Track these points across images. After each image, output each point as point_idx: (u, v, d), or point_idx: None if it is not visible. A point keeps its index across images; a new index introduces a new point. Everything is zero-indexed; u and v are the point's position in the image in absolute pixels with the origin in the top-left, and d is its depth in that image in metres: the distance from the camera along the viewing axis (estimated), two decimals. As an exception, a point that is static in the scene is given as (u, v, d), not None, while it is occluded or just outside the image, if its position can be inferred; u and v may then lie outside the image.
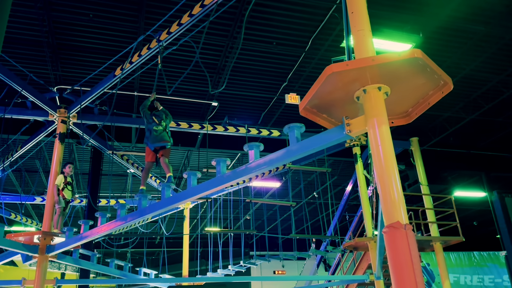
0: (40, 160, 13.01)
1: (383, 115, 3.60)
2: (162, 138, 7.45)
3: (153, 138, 7.37)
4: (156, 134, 7.40)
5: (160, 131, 7.46)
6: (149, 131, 7.42)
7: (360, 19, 4.02)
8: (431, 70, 3.61)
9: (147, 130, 7.45)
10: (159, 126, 7.46)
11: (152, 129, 7.38)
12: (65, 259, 8.41)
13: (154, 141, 7.37)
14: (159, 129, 7.45)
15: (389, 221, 3.29)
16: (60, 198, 8.36)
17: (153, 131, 7.37)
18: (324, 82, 3.62)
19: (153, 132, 7.37)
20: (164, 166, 7.44)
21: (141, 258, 16.35)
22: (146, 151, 7.57)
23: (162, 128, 7.49)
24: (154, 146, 7.42)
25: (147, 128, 7.48)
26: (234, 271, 12.23)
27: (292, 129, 4.23)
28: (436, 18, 9.00)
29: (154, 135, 7.37)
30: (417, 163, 12.17)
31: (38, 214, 16.79)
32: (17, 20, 8.41)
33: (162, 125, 7.51)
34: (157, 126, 7.44)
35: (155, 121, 7.46)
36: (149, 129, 7.42)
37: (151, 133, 7.38)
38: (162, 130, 7.50)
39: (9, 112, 8.88)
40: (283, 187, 17.32)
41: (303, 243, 13.96)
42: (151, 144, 7.38)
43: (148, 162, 7.53)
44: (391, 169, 3.41)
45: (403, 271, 3.18)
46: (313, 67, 10.24)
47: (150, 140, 7.37)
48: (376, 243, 9.71)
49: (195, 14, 6.82)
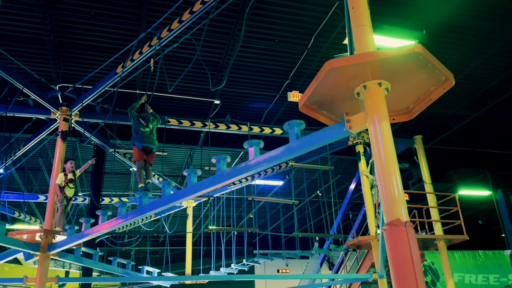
0: (43, 158, 13.04)
1: (383, 111, 3.55)
2: (149, 140, 7.53)
3: (140, 138, 7.45)
4: (143, 135, 7.48)
5: (147, 133, 7.53)
6: (135, 132, 7.49)
7: (360, 14, 3.97)
8: (432, 65, 3.56)
9: (134, 131, 7.52)
10: (146, 128, 7.54)
11: (139, 130, 7.48)
12: (67, 257, 8.42)
13: (141, 141, 7.44)
14: (146, 131, 7.52)
15: (389, 218, 3.24)
16: (62, 196, 8.36)
17: (140, 132, 7.47)
18: (324, 78, 3.58)
19: (140, 133, 7.47)
20: (146, 170, 7.56)
21: (145, 257, 16.37)
22: (134, 151, 7.60)
23: (149, 130, 7.57)
24: (142, 145, 7.47)
25: (133, 129, 7.54)
26: (237, 269, 12.20)
27: (292, 126, 4.19)
28: (440, 15, 8.91)
29: (141, 135, 7.47)
30: (421, 161, 12.09)
31: (41, 212, 16.84)
32: (19, 18, 8.41)
33: (149, 127, 7.60)
34: (144, 128, 7.51)
35: (142, 123, 7.53)
36: (136, 130, 7.50)
37: (138, 133, 7.47)
38: (149, 132, 7.58)
39: (11, 110, 8.90)
40: (286, 185, 17.27)
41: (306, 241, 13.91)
42: (139, 143, 7.44)
43: (139, 161, 7.56)
44: (392, 166, 3.36)
45: (403, 269, 3.13)
46: (316, 64, 10.17)
47: (137, 139, 7.44)
48: (379, 242, 9.65)
49: (196, 11, 6.79)
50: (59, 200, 8.26)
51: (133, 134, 7.51)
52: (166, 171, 15.50)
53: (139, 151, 7.51)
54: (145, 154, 7.58)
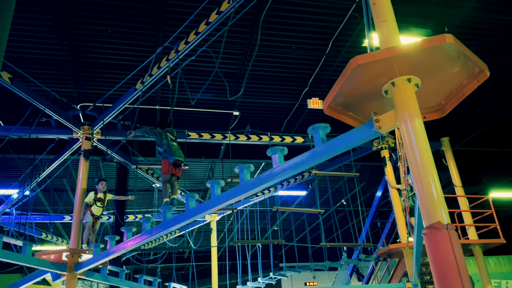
0: (67, 178, 13.16)
1: (415, 109, 3.35)
2: (180, 153, 7.66)
3: (170, 151, 7.52)
4: (174, 149, 7.59)
5: (176, 147, 7.68)
6: (164, 146, 7.57)
7: (383, 10, 3.80)
8: (465, 56, 3.34)
9: (162, 145, 7.60)
10: (174, 142, 7.70)
11: (168, 144, 7.57)
12: (93, 276, 8.36)
13: (172, 154, 7.52)
14: (175, 144, 7.67)
15: (429, 221, 3.01)
16: (87, 214, 8.39)
17: (170, 145, 7.56)
18: (349, 77, 3.40)
19: (170, 147, 7.55)
20: (172, 186, 7.62)
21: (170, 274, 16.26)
22: (164, 165, 7.63)
23: (176, 144, 7.74)
24: (174, 159, 7.53)
25: (161, 143, 7.63)
26: (264, 283, 11.95)
27: (317, 129, 4.01)
28: (461, 12, 8.66)
29: (172, 149, 7.55)
30: (450, 163, 11.65)
31: (67, 232, 16.98)
32: (39, 40, 8.54)
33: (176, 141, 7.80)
34: (172, 142, 7.66)
35: (171, 137, 7.68)
36: (164, 144, 7.58)
37: (168, 147, 7.54)
38: (177, 146, 7.72)
39: (34, 132, 9.00)
40: (310, 195, 16.99)
41: (334, 252, 13.54)
42: (170, 157, 7.51)
43: (167, 174, 7.58)
44: (428, 165, 3.13)
45: (447, 276, 2.89)
46: (335, 70, 10.00)
47: (168, 153, 7.51)
48: (411, 249, 9.29)
49: (212, 22, 6.75)
50: (83, 217, 8.29)
51: (163, 148, 7.59)
52: (188, 185, 15.44)
53: (169, 164, 7.57)
54: (174, 167, 7.63)
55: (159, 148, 7.89)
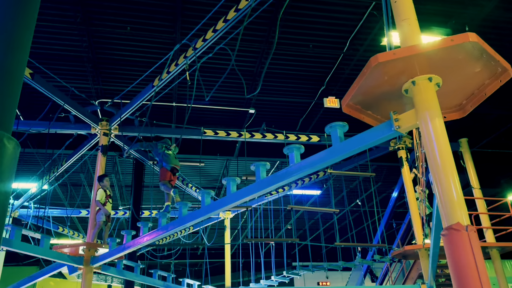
0: (84, 173, 13.35)
1: (436, 108, 3.30)
2: (176, 162, 8.32)
3: (167, 159, 8.19)
4: (170, 157, 8.25)
5: (172, 155, 8.32)
6: (161, 155, 8.24)
7: (404, 8, 3.76)
8: (488, 56, 3.28)
9: (159, 155, 8.29)
10: (169, 151, 8.31)
11: (164, 153, 8.24)
12: (109, 270, 8.46)
13: (169, 162, 8.18)
14: (170, 153, 8.30)
15: (448, 222, 2.96)
16: (101, 213, 8.31)
17: (165, 154, 8.25)
18: (369, 75, 3.37)
19: (166, 155, 8.24)
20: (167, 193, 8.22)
21: (184, 270, 16.39)
22: (162, 172, 8.21)
23: (171, 152, 8.35)
24: (170, 166, 8.16)
25: (157, 154, 8.33)
26: (277, 282, 11.94)
27: (335, 128, 3.98)
28: (483, 11, 8.50)
29: (168, 157, 8.22)
30: (468, 165, 11.45)
31: (83, 227, 17.24)
32: (59, 36, 8.68)
33: (172, 150, 8.39)
34: (168, 151, 8.29)
35: (165, 147, 8.31)
36: (161, 153, 8.25)
37: (164, 155, 8.23)
38: (173, 155, 8.35)
39: (53, 127, 9.15)
40: (324, 195, 16.90)
41: (348, 252, 13.45)
42: (167, 164, 8.16)
43: (166, 181, 8.17)
44: (448, 166, 3.09)
45: (467, 278, 2.84)
46: (352, 68, 9.92)
47: (165, 161, 8.18)
48: (427, 251, 9.17)
49: (230, 19, 6.76)
50: (106, 213, 8.26)
51: (160, 157, 8.26)
52: (203, 183, 15.52)
53: (167, 171, 8.17)
54: (172, 174, 8.25)
55: (155, 158, 8.57)
